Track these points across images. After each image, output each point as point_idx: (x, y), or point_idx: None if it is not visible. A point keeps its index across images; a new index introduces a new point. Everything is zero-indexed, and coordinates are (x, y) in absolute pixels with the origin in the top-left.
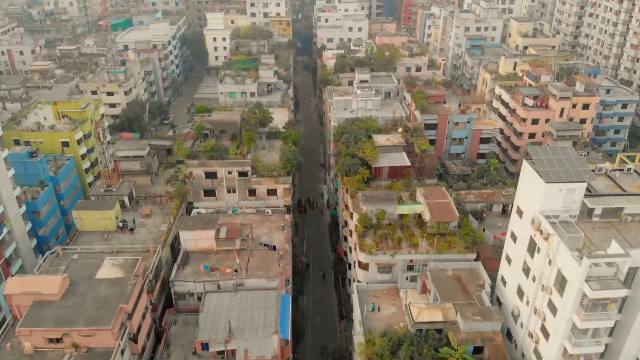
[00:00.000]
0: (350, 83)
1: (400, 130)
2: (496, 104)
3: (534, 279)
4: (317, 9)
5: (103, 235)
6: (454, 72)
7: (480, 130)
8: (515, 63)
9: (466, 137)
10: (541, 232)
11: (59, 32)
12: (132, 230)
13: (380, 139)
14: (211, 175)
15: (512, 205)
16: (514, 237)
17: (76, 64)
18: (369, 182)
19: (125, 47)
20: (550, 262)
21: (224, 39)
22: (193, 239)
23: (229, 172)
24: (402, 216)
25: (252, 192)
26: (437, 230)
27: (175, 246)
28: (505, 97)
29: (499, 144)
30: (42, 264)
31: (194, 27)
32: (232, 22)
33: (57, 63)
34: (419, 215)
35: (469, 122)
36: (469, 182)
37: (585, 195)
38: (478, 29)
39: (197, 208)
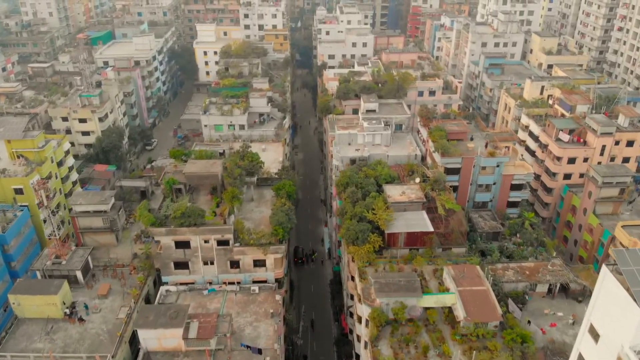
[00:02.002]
0: (355, 111)
1: (417, 180)
2: (522, 135)
3: None
4: (317, 19)
5: (46, 327)
6: (469, 92)
7: (512, 175)
8: (543, 87)
9: (494, 184)
10: None
11: (35, 45)
12: (81, 320)
13: (394, 193)
14: (183, 244)
15: (559, 284)
16: None
17: (47, 84)
18: (381, 251)
19: (106, 64)
20: None
21: (215, 52)
22: (156, 338)
23: (206, 241)
24: (426, 308)
25: (235, 264)
26: (474, 331)
27: (135, 341)
28: (535, 128)
29: (532, 189)
30: None
31: (184, 37)
32: (225, 33)
33: (27, 83)
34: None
35: (498, 166)
36: (500, 240)
37: None
38: (496, 44)
39: (167, 284)
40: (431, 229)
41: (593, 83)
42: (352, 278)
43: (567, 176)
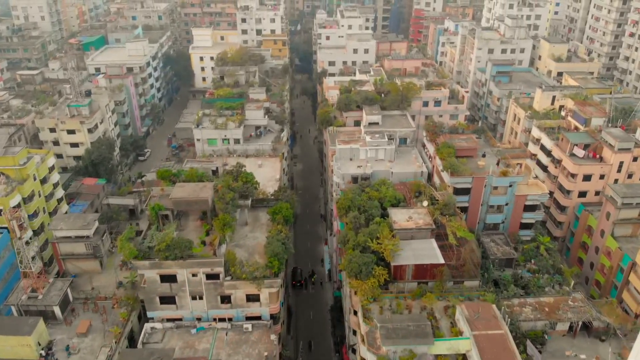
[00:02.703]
0: (357, 123)
1: (425, 203)
2: (533, 148)
3: None
4: (317, 23)
5: None
6: (475, 101)
7: (525, 196)
8: (554, 97)
9: (507, 204)
10: None
11: (26, 51)
12: None
13: (400, 218)
14: (169, 278)
15: (581, 322)
16: None
17: (36, 92)
18: (387, 284)
19: (98, 71)
20: None
21: (212, 58)
22: None
23: (193, 275)
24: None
25: (226, 299)
26: None
27: None
28: (547, 142)
29: (544, 207)
30: None
31: (181, 42)
32: (222, 38)
33: (15, 91)
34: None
35: (511, 185)
36: (513, 267)
37: None
38: (504, 51)
39: (152, 320)
40: (442, 261)
41: (606, 92)
42: (355, 312)
43: (582, 194)
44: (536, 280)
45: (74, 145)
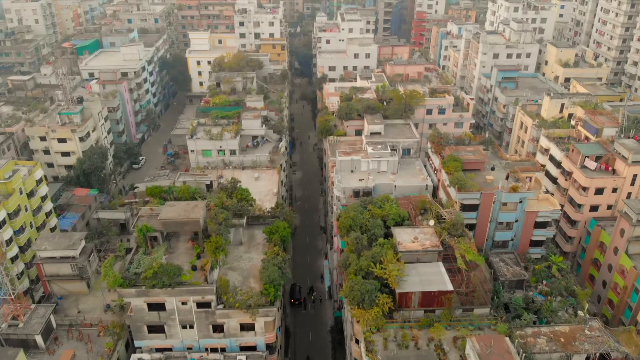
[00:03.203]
0: (358, 132)
1: (431, 222)
2: (542, 158)
3: None
4: (317, 26)
5: None
6: (480, 107)
7: (536, 212)
8: (563, 105)
9: (516, 221)
10: None
11: (19, 55)
12: None
13: (405, 238)
14: (157, 307)
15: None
16: None
17: (27, 99)
18: (392, 312)
19: (92, 76)
20: None
21: (209, 62)
22: None
23: (183, 303)
24: None
25: (218, 327)
26: None
27: None
28: (556, 153)
29: (556, 223)
30: None
31: (178, 45)
32: (220, 41)
33: (6, 97)
34: None
35: (521, 201)
36: (524, 289)
37: None
38: (509, 55)
39: (140, 350)
40: (450, 288)
41: (616, 99)
42: (357, 340)
43: (594, 208)
44: (549, 304)
45: (65, 154)
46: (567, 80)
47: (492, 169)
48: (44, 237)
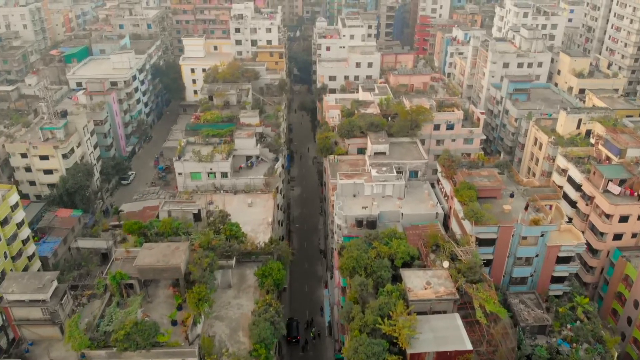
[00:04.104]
0: (361, 150)
1: (446, 264)
2: (559, 179)
3: None
4: (316, 32)
5: None
6: (489, 119)
7: (558, 246)
8: (580, 120)
9: (537, 256)
10: None
11: (5, 62)
12: None
13: (416, 283)
14: None
15: None
16: None
17: (9, 111)
18: None
19: (79, 85)
20: None
21: (204, 69)
22: None
23: None
24: None
25: None
26: None
27: None
28: (575, 174)
29: (582, 261)
30: None
31: (173, 50)
32: (216, 47)
33: None
34: None
35: (542, 235)
36: (547, 334)
37: None
38: (520, 65)
39: None
40: (469, 347)
41: (635, 114)
42: None
43: (618, 236)
44: (575, 354)
45: (48, 172)
46: (582, 91)
47: (512, 195)
48: (12, 278)
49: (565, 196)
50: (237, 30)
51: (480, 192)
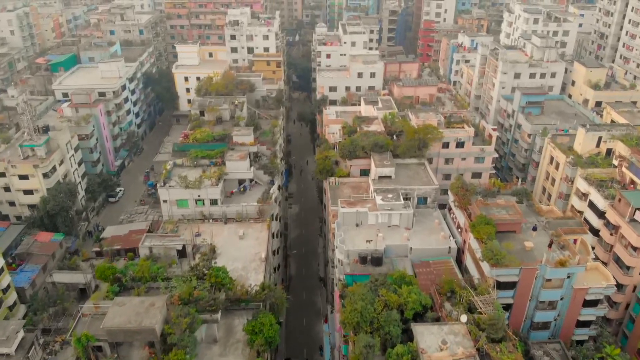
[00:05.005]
0: (364, 172)
1: (464, 317)
2: (578, 203)
3: None
4: (316, 39)
5: None
6: (500, 133)
7: (586, 289)
8: (600, 138)
9: (561, 299)
10: None
11: None
12: None
13: (429, 343)
14: None
15: None
16: None
17: None
18: None
19: (66, 96)
20: None
21: (198, 78)
22: None
23: None
24: None
25: None
26: None
27: None
28: (598, 200)
29: (610, 302)
30: None
31: (166, 56)
32: (211, 55)
33: None
34: None
35: (569, 277)
36: None
37: None
38: (532, 75)
39: None
40: None
41: None
42: None
43: None
44: None
45: (28, 192)
46: (598, 104)
47: (534, 229)
48: None
49: (586, 223)
50: (233, 37)
51: (499, 226)
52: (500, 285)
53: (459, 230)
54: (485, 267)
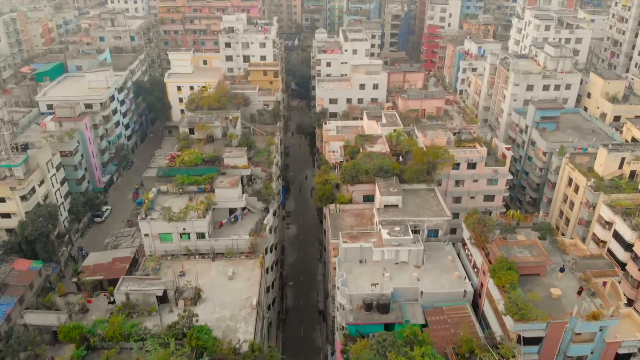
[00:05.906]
0: (367, 197)
1: None
2: (601, 232)
3: None
4: (316, 46)
5: None
6: (512, 150)
7: (619, 343)
8: (623, 159)
9: (592, 353)
10: None
11: None
12: None
13: None
14: None
15: None
16: None
17: None
18: None
19: (51, 108)
20: None
21: (191, 87)
22: None
23: None
24: None
25: None
26: None
27: None
28: (625, 231)
29: None
30: None
31: (160, 63)
32: (205, 62)
33: None
34: None
35: (601, 330)
36: None
37: None
38: (546, 87)
39: None
40: None
41: None
42: None
43: None
44: None
45: (5, 215)
46: (617, 118)
47: (562, 270)
48: None
49: (610, 252)
50: (228, 45)
51: (522, 269)
52: (525, 341)
53: (475, 270)
54: (508, 321)
